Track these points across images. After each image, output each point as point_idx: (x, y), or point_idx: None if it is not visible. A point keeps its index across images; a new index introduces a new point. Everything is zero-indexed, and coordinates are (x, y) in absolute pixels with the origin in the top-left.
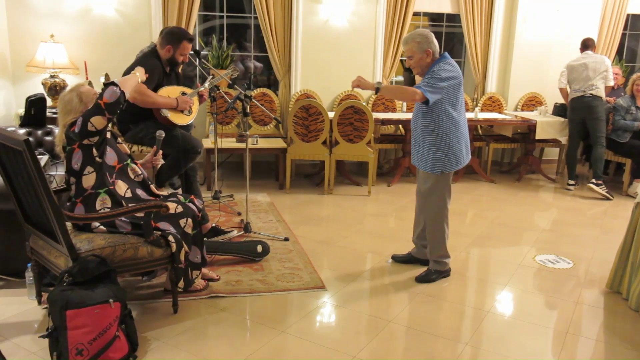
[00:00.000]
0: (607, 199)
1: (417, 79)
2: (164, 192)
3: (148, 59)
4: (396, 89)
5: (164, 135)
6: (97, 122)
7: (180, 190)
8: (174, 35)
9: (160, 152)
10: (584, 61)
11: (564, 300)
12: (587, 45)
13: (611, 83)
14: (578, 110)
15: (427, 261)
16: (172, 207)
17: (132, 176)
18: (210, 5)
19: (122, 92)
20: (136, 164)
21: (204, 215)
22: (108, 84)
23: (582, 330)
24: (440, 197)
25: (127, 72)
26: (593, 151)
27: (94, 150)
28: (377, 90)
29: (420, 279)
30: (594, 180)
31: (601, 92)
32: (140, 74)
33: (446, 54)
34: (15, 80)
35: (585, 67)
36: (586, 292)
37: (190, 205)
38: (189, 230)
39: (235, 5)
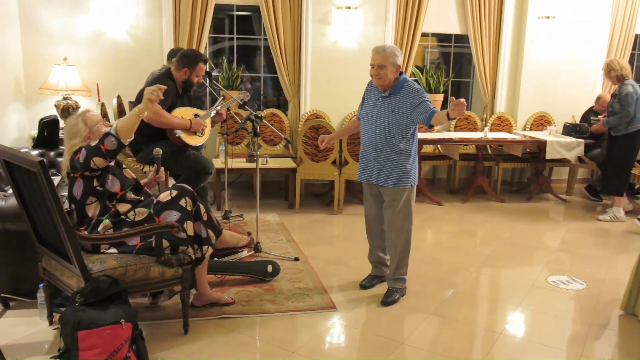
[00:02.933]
0: None
1: None
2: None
3: (162, 80)
4: (439, 115)
5: (161, 152)
6: (99, 162)
7: None
8: (189, 58)
9: (162, 168)
10: None
11: (577, 322)
12: None
13: None
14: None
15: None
16: (166, 194)
17: (130, 199)
18: (220, 28)
19: (118, 140)
20: (142, 187)
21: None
22: (106, 134)
23: (597, 353)
24: (410, 210)
25: (139, 95)
26: None
27: (95, 181)
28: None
29: (387, 303)
30: None
31: None
32: (149, 97)
33: (402, 71)
34: (28, 103)
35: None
36: (600, 314)
37: (184, 185)
38: (189, 207)
39: (245, 28)
